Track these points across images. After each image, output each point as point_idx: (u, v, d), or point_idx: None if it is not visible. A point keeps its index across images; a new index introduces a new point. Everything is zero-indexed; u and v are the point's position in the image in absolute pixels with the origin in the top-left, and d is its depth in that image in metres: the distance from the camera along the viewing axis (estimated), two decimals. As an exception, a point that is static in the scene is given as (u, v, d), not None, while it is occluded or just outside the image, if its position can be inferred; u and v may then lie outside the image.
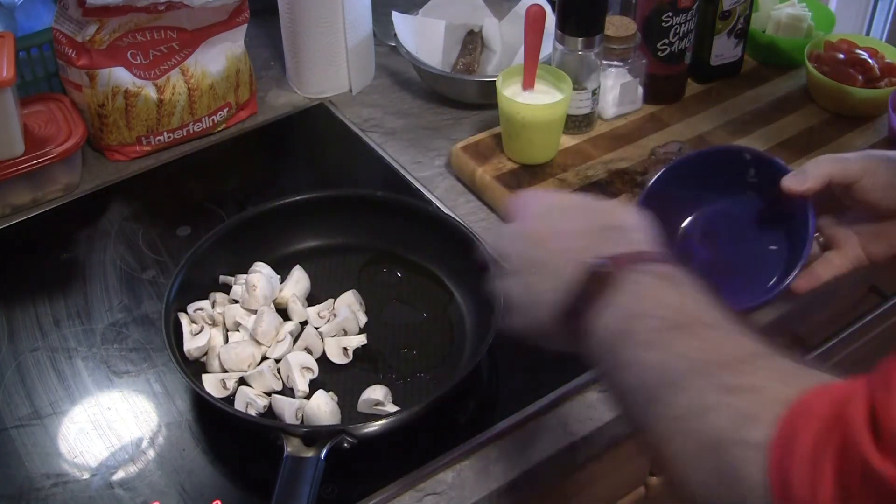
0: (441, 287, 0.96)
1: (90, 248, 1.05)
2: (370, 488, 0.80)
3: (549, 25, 1.09)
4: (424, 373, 0.89)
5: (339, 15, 1.19)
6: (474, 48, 1.29)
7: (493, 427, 0.85)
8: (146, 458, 0.83)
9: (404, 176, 1.13)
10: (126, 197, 1.12)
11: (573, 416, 0.87)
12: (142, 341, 0.94)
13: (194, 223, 1.07)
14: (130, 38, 1.09)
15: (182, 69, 1.14)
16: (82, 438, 0.85)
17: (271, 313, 0.90)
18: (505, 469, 0.83)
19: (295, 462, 0.76)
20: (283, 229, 0.99)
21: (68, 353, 0.93)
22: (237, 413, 0.82)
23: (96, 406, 0.88)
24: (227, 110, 1.20)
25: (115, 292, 0.99)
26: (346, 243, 1.00)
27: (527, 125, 1.05)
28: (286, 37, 1.24)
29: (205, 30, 1.14)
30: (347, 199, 1.01)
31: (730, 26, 1.19)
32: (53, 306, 0.98)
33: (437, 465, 0.82)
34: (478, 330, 0.90)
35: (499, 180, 1.07)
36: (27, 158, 1.05)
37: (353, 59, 1.24)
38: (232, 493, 0.81)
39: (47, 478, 0.82)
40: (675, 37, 1.15)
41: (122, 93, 1.11)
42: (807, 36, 1.26)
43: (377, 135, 1.20)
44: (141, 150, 1.16)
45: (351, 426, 0.80)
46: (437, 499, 0.80)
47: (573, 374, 0.89)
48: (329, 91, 1.27)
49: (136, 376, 0.90)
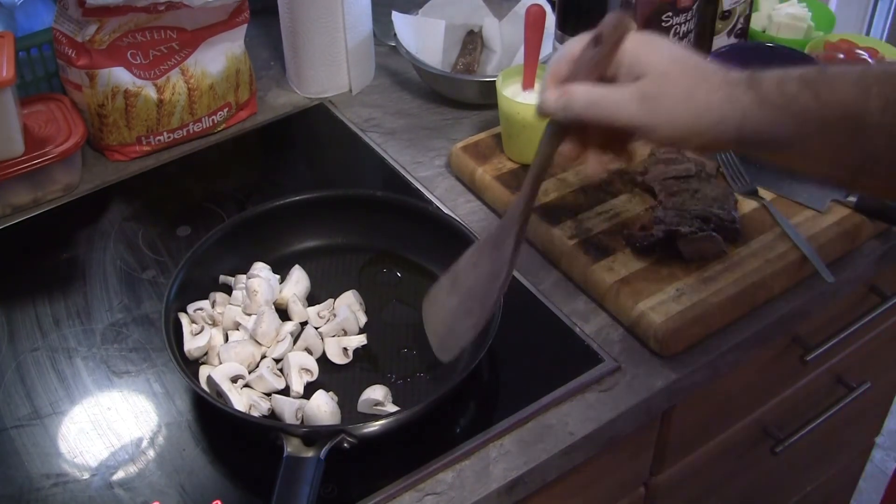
0: (441, 287, 0.96)
1: (90, 248, 1.05)
2: (370, 488, 0.80)
3: (549, 25, 1.09)
4: (424, 373, 0.89)
5: (339, 15, 1.19)
6: (474, 48, 1.29)
7: (493, 427, 0.85)
8: (146, 458, 0.83)
9: (404, 176, 1.13)
10: (126, 197, 1.12)
11: (573, 416, 0.87)
12: (142, 341, 0.94)
13: (194, 223, 1.07)
14: (130, 38, 1.09)
15: (182, 69, 1.14)
16: (82, 438, 0.85)
17: (271, 314, 0.90)
18: (505, 469, 0.83)
19: (295, 462, 0.76)
20: (283, 229, 0.99)
21: (68, 353, 0.93)
22: (237, 413, 0.82)
23: (96, 406, 0.88)
24: (227, 110, 1.20)
25: (115, 292, 0.99)
26: (346, 243, 1.00)
27: (527, 125, 1.05)
28: (286, 37, 1.24)
29: (205, 30, 1.14)
30: (347, 199, 1.01)
31: (730, 26, 1.19)
32: (53, 306, 0.98)
33: (437, 465, 0.82)
34: (478, 330, 0.90)
35: (499, 180, 1.07)
36: (27, 158, 1.05)
37: (353, 59, 1.24)
38: (232, 493, 0.81)
39: (47, 478, 0.82)
40: (675, 37, 1.15)
41: (122, 93, 1.11)
42: (807, 36, 1.26)
43: (377, 135, 1.20)
44: (141, 150, 1.16)
45: (351, 426, 0.80)
46: (437, 499, 0.80)
47: (573, 374, 0.89)
48: (329, 91, 1.27)
49: (136, 376, 0.90)
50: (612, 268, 0.95)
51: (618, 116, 0.68)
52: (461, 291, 0.81)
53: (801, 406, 1.20)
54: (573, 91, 0.68)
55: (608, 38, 0.68)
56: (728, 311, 0.93)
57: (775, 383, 1.15)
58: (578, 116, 0.69)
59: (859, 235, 1.02)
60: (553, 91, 0.69)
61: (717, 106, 0.67)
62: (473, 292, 0.80)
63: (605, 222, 1.00)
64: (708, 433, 1.11)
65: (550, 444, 0.84)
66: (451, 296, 0.82)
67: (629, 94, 0.68)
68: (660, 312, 0.90)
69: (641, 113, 0.68)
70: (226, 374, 0.84)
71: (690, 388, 0.93)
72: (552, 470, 0.85)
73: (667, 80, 0.68)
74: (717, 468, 1.16)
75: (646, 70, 0.68)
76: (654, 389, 0.89)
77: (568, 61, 0.71)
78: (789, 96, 0.67)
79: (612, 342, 0.93)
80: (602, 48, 0.68)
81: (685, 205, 0.97)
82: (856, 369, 1.24)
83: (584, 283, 0.97)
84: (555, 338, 0.93)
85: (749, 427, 1.16)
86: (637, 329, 0.92)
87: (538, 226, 1.01)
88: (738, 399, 1.10)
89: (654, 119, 0.68)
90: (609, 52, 0.68)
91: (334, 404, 0.83)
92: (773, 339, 1.01)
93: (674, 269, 0.95)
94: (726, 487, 1.23)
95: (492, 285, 0.78)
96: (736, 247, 0.97)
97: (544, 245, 1.01)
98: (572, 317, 0.95)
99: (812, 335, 1.08)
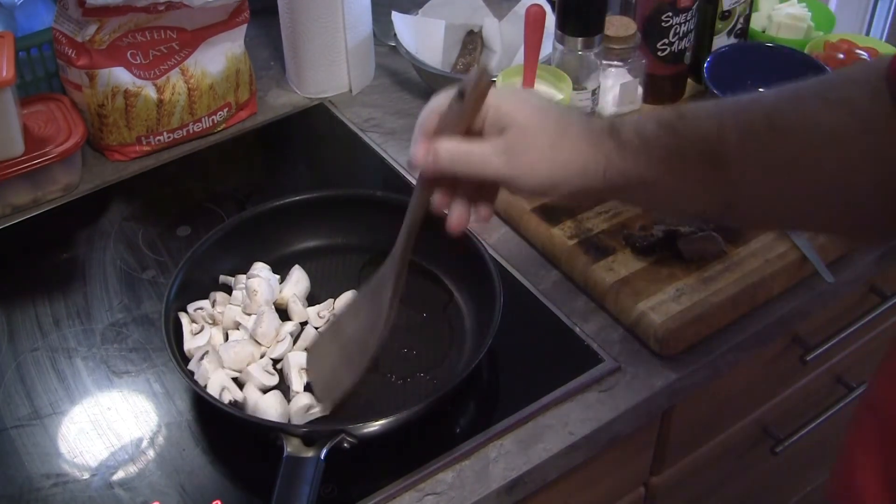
0: (441, 287, 0.96)
1: (90, 248, 1.05)
2: (370, 488, 0.80)
3: (549, 25, 1.09)
4: (424, 373, 0.89)
5: (338, 15, 1.19)
6: (474, 48, 1.29)
7: (493, 427, 0.85)
8: (146, 458, 0.83)
9: (404, 176, 1.13)
10: (126, 197, 1.12)
11: (573, 416, 0.87)
12: (142, 341, 0.94)
13: (194, 223, 1.07)
14: (130, 38, 1.09)
15: (182, 69, 1.14)
16: (82, 438, 0.85)
17: (271, 314, 0.90)
18: (505, 469, 0.83)
19: (295, 462, 0.76)
20: (283, 229, 0.99)
21: (68, 353, 0.93)
22: (237, 413, 0.82)
23: (96, 406, 0.88)
24: (226, 110, 1.20)
25: (115, 292, 0.99)
26: (346, 243, 1.00)
27: (527, 125, 1.05)
28: (286, 37, 1.24)
29: (205, 30, 1.14)
30: (347, 199, 1.01)
31: (730, 26, 1.19)
32: (53, 306, 0.98)
33: (437, 465, 0.82)
34: (478, 330, 0.90)
35: (478, 223, 1.07)
36: (27, 158, 1.05)
37: (353, 59, 1.24)
38: (232, 493, 0.81)
39: (47, 478, 0.82)
40: (674, 37, 1.15)
41: (122, 93, 1.11)
42: (807, 36, 1.26)
43: (377, 135, 1.20)
44: (141, 150, 1.16)
45: (351, 426, 0.80)
46: (437, 499, 0.80)
47: (573, 374, 0.89)
48: (329, 91, 1.27)
49: (136, 376, 0.90)
50: (612, 268, 0.95)
51: (482, 170, 0.70)
52: (342, 340, 0.83)
53: (801, 406, 1.20)
54: (438, 147, 0.70)
55: (470, 94, 0.69)
56: (728, 311, 0.93)
57: (775, 383, 1.15)
58: (445, 171, 0.70)
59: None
60: (421, 146, 0.71)
61: (581, 156, 0.69)
62: (353, 340, 0.82)
63: (605, 222, 1.00)
64: (708, 433, 1.11)
65: (550, 444, 0.84)
66: (332, 343, 0.84)
67: (492, 148, 0.70)
68: (660, 312, 0.90)
69: (504, 166, 0.69)
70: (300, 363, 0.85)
71: (690, 388, 0.93)
72: (552, 470, 0.85)
73: (529, 133, 0.69)
74: (717, 468, 1.16)
75: (509, 124, 0.69)
76: (654, 389, 0.89)
77: (437, 114, 0.72)
78: (647, 138, 0.69)
79: (612, 342, 0.93)
80: (465, 104, 0.69)
81: (685, 205, 0.97)
82: (856, 369, 1.24)
83: (584, 283, 0.97)
84: (555, 338, 0.93)
85: (749, 427, 1.16)
86: (637, 329, 0.92)
87: (538, 225, 1.01)
88: (738, 399, 1.10)
89: (517, 171, 0.69)
90: (471, 107, 0.70)
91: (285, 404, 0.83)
92: (773, 339, 1.01)
93: (674, 269, 0.95)
94: (726, 487, 1.22)
95: (371, 335, 0.80)
96: (736, 247, 0.97)
97: (544, 245, 1.01)
98: (572, 317, 0.95)
99: (812, 335, 1.08)
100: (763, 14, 1.29)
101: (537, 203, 1.02)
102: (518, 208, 1.03)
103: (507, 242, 1.03)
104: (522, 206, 1.02)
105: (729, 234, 0.97)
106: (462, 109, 0.70)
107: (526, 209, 1.02)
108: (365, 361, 0.80)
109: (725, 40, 1.20)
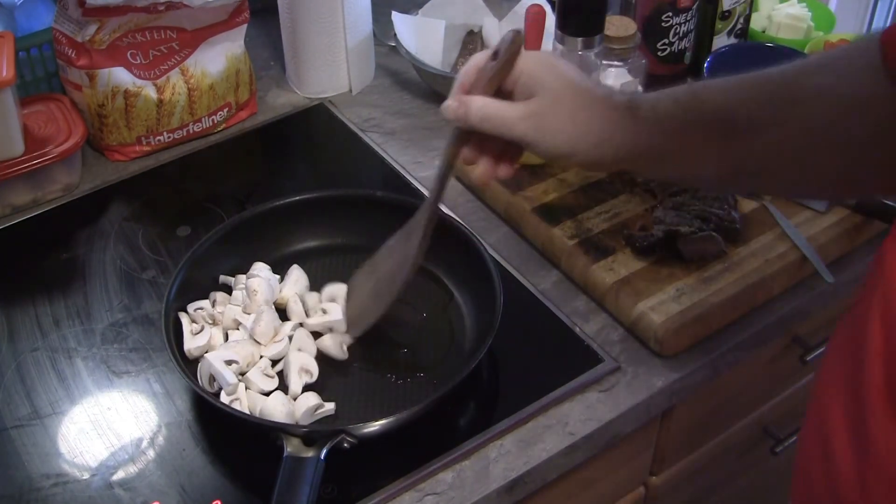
0: (441, 287, 0.96)
1: (90, 248, 1.05)
2: (370, 488, 0.80)
3: (549, 25, 1.09)
4: (424, 373, 0.89)
5: (338, 15, 1.19)
6: (474, 48, 1.29)
7: (493, 427, 0.85)
8: (146, 458, 0.83)
9: (404, 176, 1.13)
10: (126, 197, 1.12)
11: (573, 416, 0.87)
12: (142, 341, 0.94)
13: (194, 223, 1.07)
14: (130, 38, 1.09)
15: (182, 69, 1.14)
16: (82, 438, 0.85)
17: (270, 313, 0.90)
18: (505, 469, 0.83)
19: (295, 462, 0.76)
20: (283, 229, 0.99)
21: (68, 353, 0.93)
22: (237, 413, 0.82)
23: (96, 406, 0.88)
24: (226, 110, 1.20)
25: (115, 292, 0.99)
26: (346, 243, 1.00)
27: (527, 125, 1.05)
28: (286, 37, 1.24)
29: (205, 30, 1.14)
30: (347, 199, 1.01)
31: (730, 26, 1.19)
32: (53, 306, 0.98)
33: (437, 465, 0.82)
34: (478, 330, 0.90)
35: (499, 180, 1.07)
36: (27, 158, 1.05)
37: (353, 59, 1.24)
38: (232, 493, 0.81)
39: (47, 478, 0.82)
40: (675, 37, 1.15)
41: (122, 93, 1.11)
42: (807, 36, 1.26)
43: (377, 135, 1.20)
44: (141, 150, 1.16)
45: (351, 426, 0.80)
46: (437, 499, 0.80)
47: (573, 374, 0.89)
48: (329, 91, 1.27)
49: (136, 376, 0.90)
50: (612, 268, 0.95)
51: (507, 131, 0.74)
52: (377, 276, 0.89)
53: (801, 406, 1.20)
54: (470, 103, 0.74)
55: (503, 54, 0.73)
56: (728, 311, 0.93)
57: (775, 383, 1.15)
58: (474, 126, 0.74)
59: (859, 235, 1.02)
60: (456, 100, 0.75)
61: (598, 129, 0.73)
62: (384, 278, 0.88)
63: (605, 222, 1.00)
64: (708, 433, 1.11)
65: (550, 444, 0.85)
66: (368, 279, 0.90)
67: (519, 111, 0.73)
68: (660, 312, 0.90)
69: (529, 130, 0.73)
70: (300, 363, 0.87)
71: (690, 388, 0.93)
72: (552, 470, 0.85)
73: (555, 101, 0.73)
74: (717, 468, 1.16)
75: (538, 90, 0.73)
76: (654, 389, 0.89)
77: (475, 70, 0.76)
78: (662, 113, 0.73)
79: (612, 342, 0.93)
80: (497, 63, 0.74)
81: (685, 205, 0.97)
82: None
83: (584, 283, 0.97)
84: (555, 338, 0.93)
85: (749, 427, 1.16)
86: (637, 329, 0.92)
87: (538, 225, 1.01)
88: (738, 399, 1.10)
89: (539, 136, 0.73)
90: (503, 66, 0.74)
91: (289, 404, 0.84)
92: (773, 339, 1.01)
93: (674, 269, 0.95)
94: (726, 487, 1.22)
95: (400, 271, 0.85)
96: (736, 247, 0.97)
97: (544, 245, 1.01)
98: (572, 317, 0.95)
99: (812, 335, 1.08)
100: (763, 14, 1.29)
101: (538, 203, 1.02)
102: (518, 208, 1.03)
103: (507, 242, 1.03)
104: (523, 207, 1.03)
105: (729, 234, 0.97)
106: (494, 68, 0.74)
107: (526, 209, 1.02)
108: (390, 298, 0.86)
109: (725, 40, 1.20)
